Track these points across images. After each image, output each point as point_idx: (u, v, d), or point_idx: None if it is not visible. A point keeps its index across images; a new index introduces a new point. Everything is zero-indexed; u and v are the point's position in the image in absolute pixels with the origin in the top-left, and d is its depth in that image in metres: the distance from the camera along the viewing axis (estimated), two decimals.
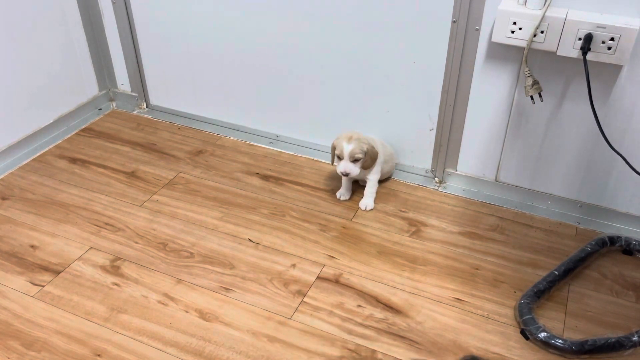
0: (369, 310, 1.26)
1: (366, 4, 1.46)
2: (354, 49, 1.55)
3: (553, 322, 1.23)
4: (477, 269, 1.37)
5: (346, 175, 1.46)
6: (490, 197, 1.59)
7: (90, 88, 1.97)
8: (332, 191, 1.60)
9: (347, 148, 1.43)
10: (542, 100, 1.37)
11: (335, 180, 1.64)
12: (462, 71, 1.45)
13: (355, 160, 1.45)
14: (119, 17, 1.83)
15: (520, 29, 1.28)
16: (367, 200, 1.55)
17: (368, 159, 1.46)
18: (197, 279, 1.33)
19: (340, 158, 1.46)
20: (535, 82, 1.32)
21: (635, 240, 1.39)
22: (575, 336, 1.20)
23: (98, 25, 1.88)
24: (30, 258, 1.39)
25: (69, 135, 1.86)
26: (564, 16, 1.23)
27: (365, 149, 1.45)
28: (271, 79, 1.72)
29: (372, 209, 1.54)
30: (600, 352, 1.15)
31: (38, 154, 1.77)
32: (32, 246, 1.42)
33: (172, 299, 1.28)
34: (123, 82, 1.99)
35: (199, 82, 1.85)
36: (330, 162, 1.72)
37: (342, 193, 1.58)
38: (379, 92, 1.59)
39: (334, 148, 1.48)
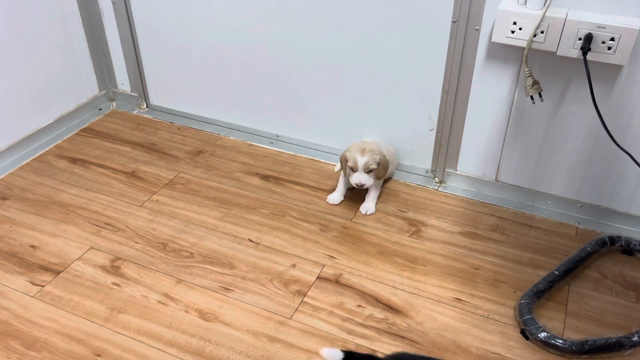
0: (369, 310, 1.26)
1: (366, 4, 1.46)
2: (354, 49, 1.55)
3: (553, 322, 1.23)
4: (477, 269, 1.37)
5: (361, 186, 1.46)
6: (490, 197, 1.59)
7: (90, 88, 1.97)
8: (332, 191, 1.60)
9: (361, 160, 1.43)
10: (542, 101, 1.37)
11: (335, 180, 1.64)
12: (462, 71, 1.44)
13: (369, 171, 1.45)
14: (119, 17, 1.83)
15: (520, 29, 1.28)
16: (369, 204, 1.54)
17: (381, 168, 1.47)
18: (197, 279, 1.33)
19: (353, 170, 1.46)
20: (535, 82, 1.32)
21: (635, 240, 1.39)
22: (576, 336, 1.20)
23: (98, 25, 1.88)
24: (30, 258, 1.39)
25: (69, 135, 1.86)
26: (564, 16, 1.22)
27: (378, 160, 1.45)
28: (271, 79, 1.72)
29: (373, 213, 1.54)
30: (600, 352, 1.15)
31: (38, 154, 1.77)
32: (32, 246, 1.42)
33: (172, 299, 1.28)
34: (123, 82, 1.99)
35: (199, 82, 1.84)
36: (333, 164, 1.72)
37: (335, 198, 1.56)
38: (379, 92, 1.59)
39: (345, 160, 1.48)
